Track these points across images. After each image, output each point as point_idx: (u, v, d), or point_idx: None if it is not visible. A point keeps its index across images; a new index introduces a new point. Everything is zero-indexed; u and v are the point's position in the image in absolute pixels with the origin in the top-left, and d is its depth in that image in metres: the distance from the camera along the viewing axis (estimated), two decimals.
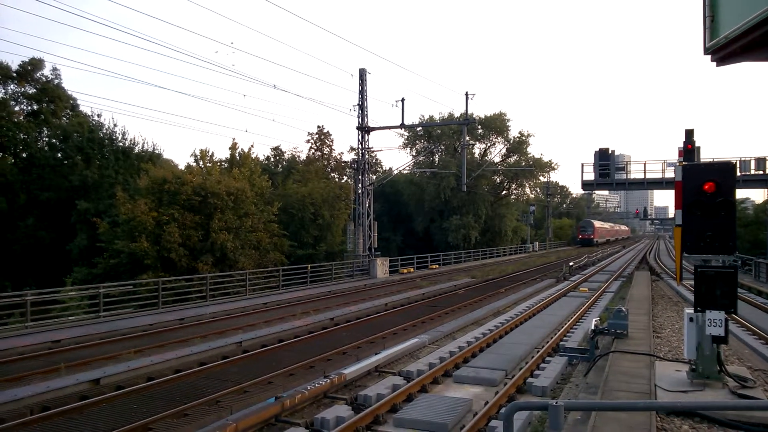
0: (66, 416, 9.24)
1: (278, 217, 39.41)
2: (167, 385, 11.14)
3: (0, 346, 14.30)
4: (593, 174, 32.05)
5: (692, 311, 8.26)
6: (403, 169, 58.94)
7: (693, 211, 8.13)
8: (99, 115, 44.38)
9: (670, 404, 6.91)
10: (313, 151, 63.08)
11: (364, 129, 36.10)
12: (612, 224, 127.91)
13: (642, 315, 16.41)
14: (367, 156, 36.83)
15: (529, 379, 11.33)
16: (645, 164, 32.91)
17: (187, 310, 20.78)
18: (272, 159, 61.34)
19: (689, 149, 17.85)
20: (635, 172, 33.67)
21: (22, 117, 43.66)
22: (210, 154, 41.57)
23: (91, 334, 16.16)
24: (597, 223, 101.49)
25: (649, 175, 32.72)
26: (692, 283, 8.55)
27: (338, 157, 63.76)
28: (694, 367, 8.42)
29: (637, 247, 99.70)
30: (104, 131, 42.21)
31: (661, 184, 32.84)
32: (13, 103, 43.64)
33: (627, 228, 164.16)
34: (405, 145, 65.80)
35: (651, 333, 13.91)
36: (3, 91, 43.50)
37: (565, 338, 15.60)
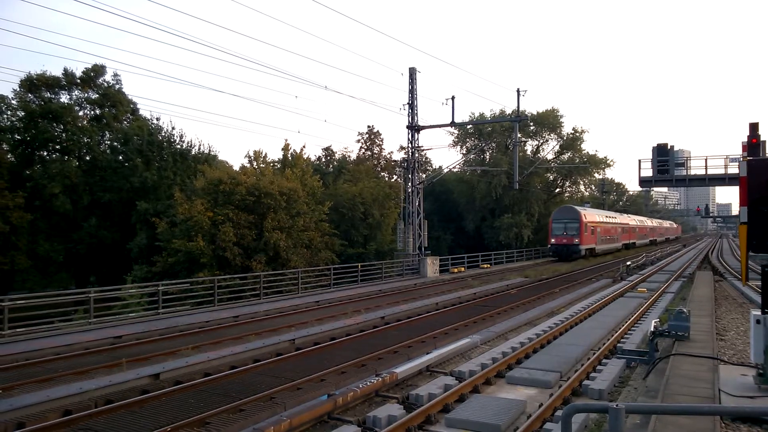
0: (128, 409, 9.56)
1: (329, 217, 39.83)
2: (223, 380, 11.40)
3: (66, 341, 14.96)
4: (651, 170, 31.04)
5: (759, 313, 7.91)
6: (454, 168, 58.54)
7: (759, 207, 7.79)
8: (158, 119, 45.91)
9: (737, 409, 6.64)
10: (363, 150, 63.58)
11: (413, 128, 36.05)
12: (640, 218, 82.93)
13: (704, 317, 15.84)
14: (416, 155, 36.79)
15: (585, 382, 11.07)
16: (706, 160, 31.63)
17: (241, 308, 21.21)
18: (323, 159, 62.08)
19: (754, 143, 17.06)
20: (696, 168, 32.40)
21: (85, 121, 45.53)
22: (263, 155, 42.43)
23: (150, 331, 16.68)
24: (589, 214, 52.80)
25: (710, 171, 31.44)
26: (759, 283, 8.17)
27: (388, 156, 64.02)
28: (761, 371, 8.06)
29: (698, 246, 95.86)
30: (163, 134, 43.56)
31: (723, 180, 31.49)
32: (77, 108, 45.56)
33: (675, 225, 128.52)
34: (455, 144, 65.42)
35: (714, 335, 13.41)
36: (68, 96, 45.50)
37: (622, 340, 15.16)
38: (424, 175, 51.23)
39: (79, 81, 45.06)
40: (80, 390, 10.39)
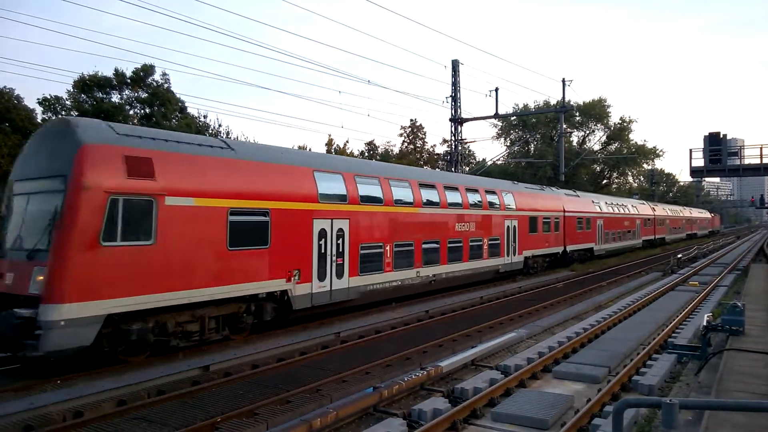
0: (180, 399, 9.84)
1: None
2: (271, 372, 11.61)
3: None
4: (703, 160, 30.10)
5: None
6: (497, 160, 57.95)
7: None
8: (205, 116, 46.90)
9: None
10: (405, 144, 63.45)
11: (457, 120, 35.85)
12: (620, 201, 48.41)
13: (760, 311, 15.33)
14: (460, 147, 36.58)
15: (635, 377, 10.85)
16: (761, 148, 30.41)
17: None
18: (366, 153, 62.23)
19: None
20: (750, 157, 31.25)
21: (136, 120, 46.84)
22: (308, 150, 42.86)
23: None
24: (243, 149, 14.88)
25: (766, 160, 30.28)
26: None
27: (431, 149, 63.73)
28: None
29: (753, 238, 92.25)
30: (210, 131, 44.50)
31: None
32: (128, 107, 46.89)
33: (707, 214, 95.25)
34: (499, 135, 64.92)
35: None
36: (119, 96, 46.89)
37: (673, 335, 14.80)
38: (467, 168, 50.93)
39: (129, 81, 46.32)
40: (133, 381, 10.73)
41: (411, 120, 63.67)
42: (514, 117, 61.62)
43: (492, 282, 25.97)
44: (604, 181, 70.03)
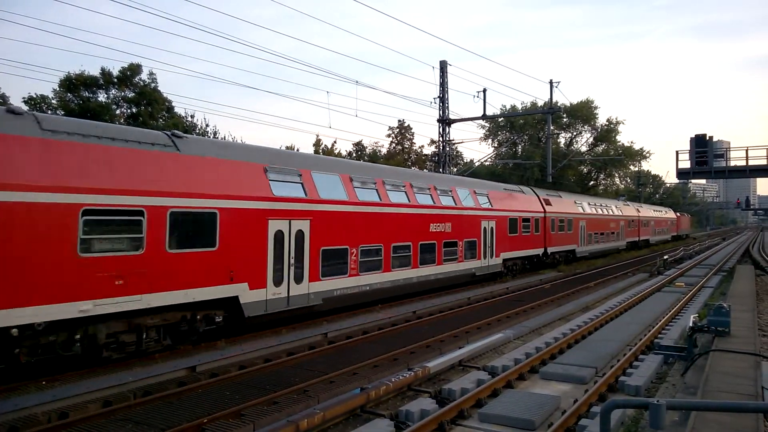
0: (166, 400, 9.75)
1: None
2: (258, 373, 11.54)
3: None
4: (689, 162, 30.35)
5: None
6: (485, 161, 58.10)
7: None
8: (192, 116, 46.65)
9: None
10: (393, 145, 63.48)
11: (445, 121, 35.86)
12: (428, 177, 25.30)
13: (746, 312, 15.46)
14: (448, 148, 36.59)
15: (622, 378, 10.90)
16: (747, 150, 30.74)
17: None
18: (354, 154, 62.17)
19: None
20: (736, 159, 31.55)
21: (122, 119, 46.49)
22: (296, 150, 42.76)
23: None
24: None
25: (751, 162, 30.59)
26: None
27: (419, 150, 63.81)
28: None
29: (738, 240, 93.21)
30: (197, 131, 44.27)
31: (765, 171, 30.62)
32: (114, 107, 46.53)
33: (669, 214, 73.55)
34: (486, 137, 65.10)
35: (756, 331, 13.10)
36: (106, 95, 46.52)
37: (660, 335, 14.90)
38: (455, 169, 51.02)
39: (116, 80, 46.00)
40: (119, 381, 10.63)
41: (399, 120, 63.71)
42: (502, 118, 61.85)
43: None
44: (592, 182, 70.46)
